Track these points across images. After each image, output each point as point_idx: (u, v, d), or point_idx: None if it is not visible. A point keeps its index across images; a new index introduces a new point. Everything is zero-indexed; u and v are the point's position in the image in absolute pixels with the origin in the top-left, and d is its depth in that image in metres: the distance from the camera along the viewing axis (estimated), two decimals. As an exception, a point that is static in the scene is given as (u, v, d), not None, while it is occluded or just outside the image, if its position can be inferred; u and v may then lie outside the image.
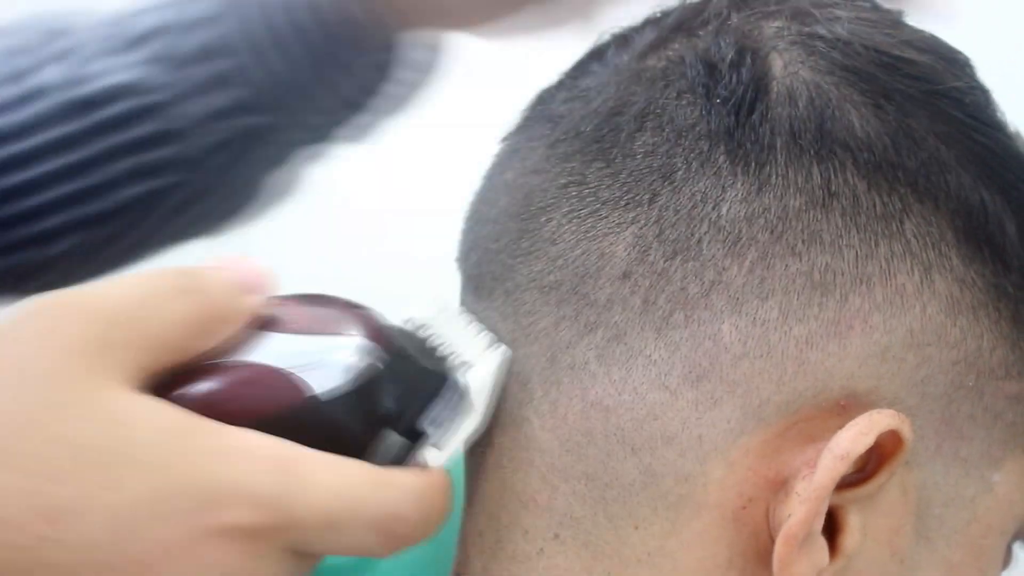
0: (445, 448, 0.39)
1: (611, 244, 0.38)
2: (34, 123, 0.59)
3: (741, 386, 0.37)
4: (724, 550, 0.38)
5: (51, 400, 0.34)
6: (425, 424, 0.39)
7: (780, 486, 0.37)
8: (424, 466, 0.38)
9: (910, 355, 0.37)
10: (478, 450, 0.42)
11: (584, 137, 0.40)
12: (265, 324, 0.38)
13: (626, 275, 0.38)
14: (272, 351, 0.38)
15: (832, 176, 0.37)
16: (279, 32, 0.58)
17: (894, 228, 0.37)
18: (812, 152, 0.37)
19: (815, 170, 0.37)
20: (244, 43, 0.58)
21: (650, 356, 0.37)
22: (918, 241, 0.37)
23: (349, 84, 0.61)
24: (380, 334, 0.39)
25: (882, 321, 0.37)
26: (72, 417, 0.34)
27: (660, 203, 0.38)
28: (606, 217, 0.39)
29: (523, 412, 0.40)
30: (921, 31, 0.41)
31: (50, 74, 0.60)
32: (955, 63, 0.40)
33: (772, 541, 0.37)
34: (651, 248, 0.38)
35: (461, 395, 0.39)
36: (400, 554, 0.39)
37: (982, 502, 0.39)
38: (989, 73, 0.41)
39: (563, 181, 0.40)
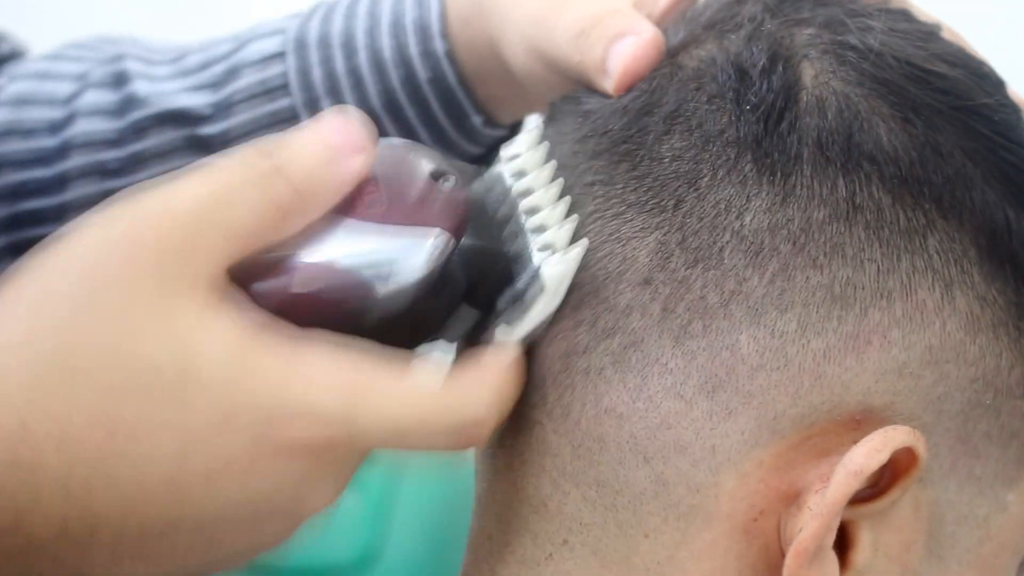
0: (517, 326, 0.38)
1: (634, 249, 0.38)
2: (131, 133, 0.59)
3: (757, 398, 0.37)
4: (734, 562, 0.37)
5: (117, 315, 0.34)
6: (500, 303, 0.39)
7: (792, 499, 0.37)
8: (494, 344, 0.38)
9: (928, 372, 0.37)
10: (489, 451, 0.42)
11: (612, 136, 0.40)
12: (345, 207, 0.37)
13: (647, 281, 0.38)
14: (348, 244, 0.37)
15: (857, 189, 0.37)
16: (361, 85, 0.57)
17: (917, 243, 0.37)
18: (838, 164, 0.37)
19: (840, 182, 0.37)
20: (305, 87, 0.57)
21: (666, 364, 0.37)
22: (941, 257, 0.37)
23: None
24: (460, 221, 0.38)
25: (901, 337, 0.37)
26: (137, 332, 0.34)
27: (684, 209, 0.38)
28: (631, 220, 0.38)
29: (535, 415, 0.40)
30: (953, 45, 0.41)
31: (141, 87, 0.60)
32: (986, 79, 0.40)
33: (782, 554, 0.37)
34: (673, 255, 0.37)
35: (537, 280, 0.38)
36: (401, 555, 0.39)
37: (995, 521, 0.39)
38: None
39: (589, 179, 0.40)
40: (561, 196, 0.40)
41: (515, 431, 0.40)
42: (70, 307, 0.34)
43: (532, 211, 0.40)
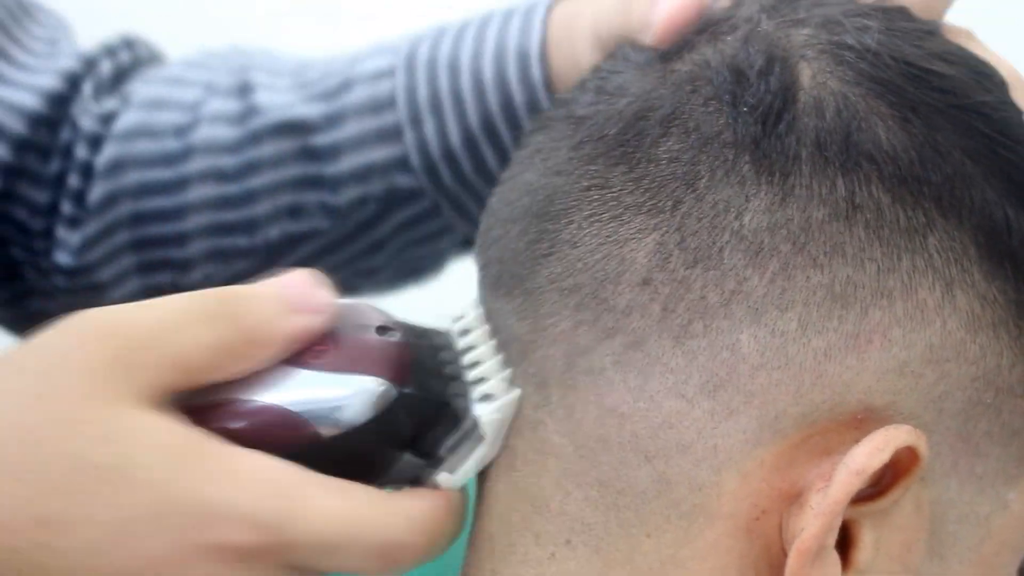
0: (458, 472, 0.40)
1: (632, 250, 0.38)
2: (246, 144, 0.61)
3: (758, 397, 0.37)
4: (736, 561, 0.37)
5: (60, 415, 0.36)
6: (441, 451, 0.40)
7: (794, 498, 0.37)
8: (435, 487, 0.39)
9: (928, 371, 0.37)
10: None
11: (608, 140, 0.40)
12: (295, 356, 0.39)
13: (646, 282, 0.38)
14: (294, 389, 0.39)
15: (856, 188, 0.37)
16: (462, 104, 0.58)
17: (917, 242, 0.37)
18: (837, 164, 0.37)
19: (840, 182, 0.37)
20: (410, 105, 0.59)
21: (668, 364, 0.37)
22: (941, 256, 0.37)
23: None
24: (403, 371, 0.39)
25: (902, 336, 0.37)
26: (77, 432, 0.35)
27: (683, 210, 0.38)
28: (628, 222, 0.38)
29: (538, 415, 0.40)
30: (952, 44, 0.41)
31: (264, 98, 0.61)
32: (985, 77, 0.40)
33: (784, 553, 0.37)
34: (672, 255, 0.37)
35: (475, 428, 0.40)
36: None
37: (996, 520, 0.39)
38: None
39: (585, 184, 0.40)
40: (556, 201, 0.40)
41: (517, 431, 0.41)
42: (15, 403, 0.36)
43: (474, 365, 0.41)
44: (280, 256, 0.62)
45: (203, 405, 0.38)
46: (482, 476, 0.43)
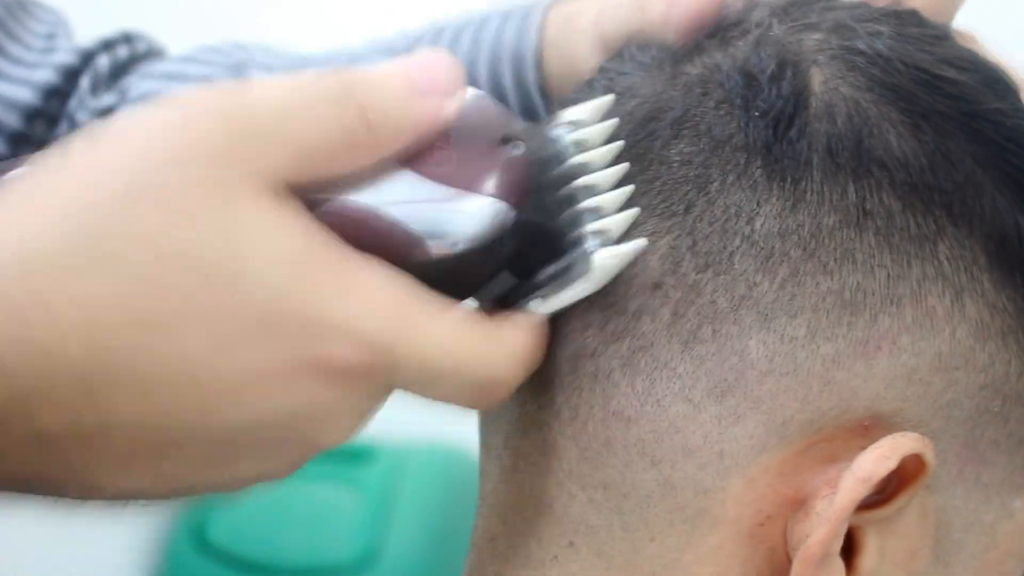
0: (551, 300, 0.38)
1: (644, 253, 0.38)
2: None
3: (765, 403, 0.37)
4: (739, 566, 0.37)
5: (175, 204, 0.32)
6: (540, 276, 0.38)
7: (799, 505, 0.37)
8: (526, 314, 0.38)
9: (937, 378, 0.37)
10: (494, 452, 0.42)
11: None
12: (413, 157, 0.36)
13: (657, 285, 0.38)
14: (406, 198, 0.36)
15: (867, 195, 0.37)
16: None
17: (927, 250, 0.37)
18: (848, 170, 0.37)
19: (851, 188, 0.37)
20: None
21: (675, 369, 0.37)
22: (951, 264, 0.37)
23: None
24: (520, 193, 0.37)
25: (911, 343, 0.37)
26: (192, 225, 0.32)
27: (695, 214, 0.38)
28: (641, 224, 0.38)
29: (543, 416, 0.40)
30: (964, 49, 0.40)
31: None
32: (997, 84, 0.40)
33: (788, 560, 0.37)
34: (684, 259, 0.37)
35: (584, 264, 0.38)
36: (401, 555, 0.39)
37: (1002, 528, 0.39)
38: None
39: None
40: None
41: (522, 432, 0.40)
42: (118, 185, 0.32)
43: (590, 189, 0.39)
44: None
45: (319, 200, 0.35)
46: (485, 477, 0.43)
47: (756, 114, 0.38)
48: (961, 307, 0.37)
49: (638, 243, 0.38)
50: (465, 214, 0.36)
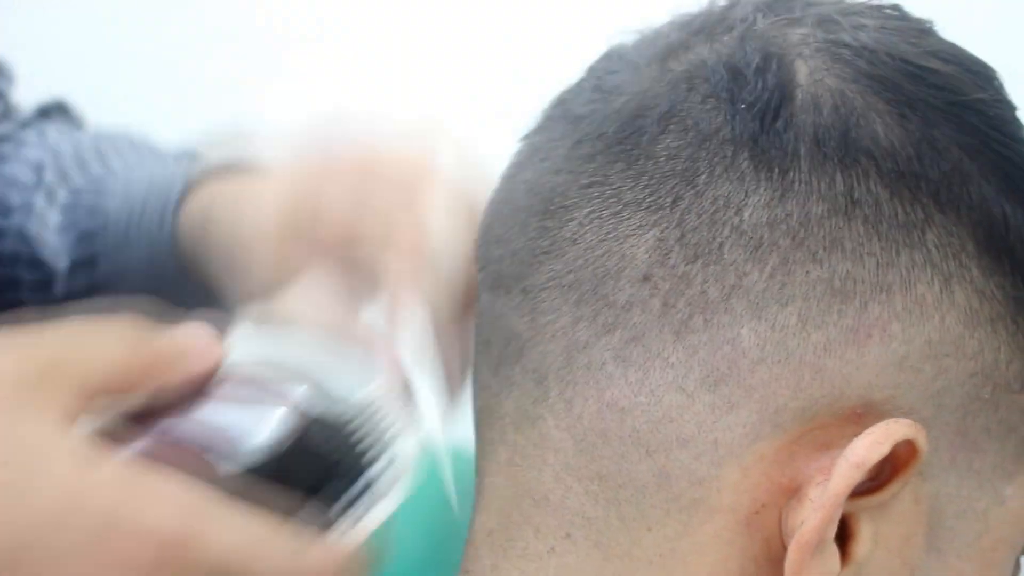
0: (357, 529, 0.40)
1: (632, 246, 0.38)
2: None
3: (758, 391, 0.37)
4: (736, 554, 0.38)
5: None
6: (341, 501, 0.40)
7: (794, 492, 0.37)
8: (337, 541, 0.39)
9: (927, 365, 0.37)
10: (490, 447, 0.42)
11: (607, 138, 0.40)
12: (202, 391, 0.40)
13: (646, 277, 0.38)
14: (198, 420, 0.39)
15: (855, 184, 0.37)
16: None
17: (916, 237, 0.37)
18: (836, 159, 0.37)
19: (838, 177, 0.37)
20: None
21: (668, 359, 0.37)
22: (939, 251, 0.37)
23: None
24: (303, 415, 0.40)
25: (901, 330, 0.37)
26: None
27: (683, 206, 0.38)
28: (628, 219, 0.39)
29: (538, 410, 0.40)
30: (947, 41, 0.41)
31: None
32: (980, 75, 0.40)
33: (784, 547, 0.37)
34: (672, 251, 0.38)
35: (378, 480, 0.40)
36: (401, 552, 0.39)
37: (994, 515, 0.39)
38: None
39: (585, 181, 0.40)
40: (556, 198, 0.41)
41: (517, 426, 0.41)
42: None
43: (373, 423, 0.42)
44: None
45: (118, 431, 0.38)
46: (481, 472, 0.43)
47: (742, 107, 0.38)
48: (950, 294, 0.37)
49: (410, 449, 0.41)
50: (254, 418, 0.39)
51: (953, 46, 0.41)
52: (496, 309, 0.42)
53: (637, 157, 0.39)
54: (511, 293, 0.41)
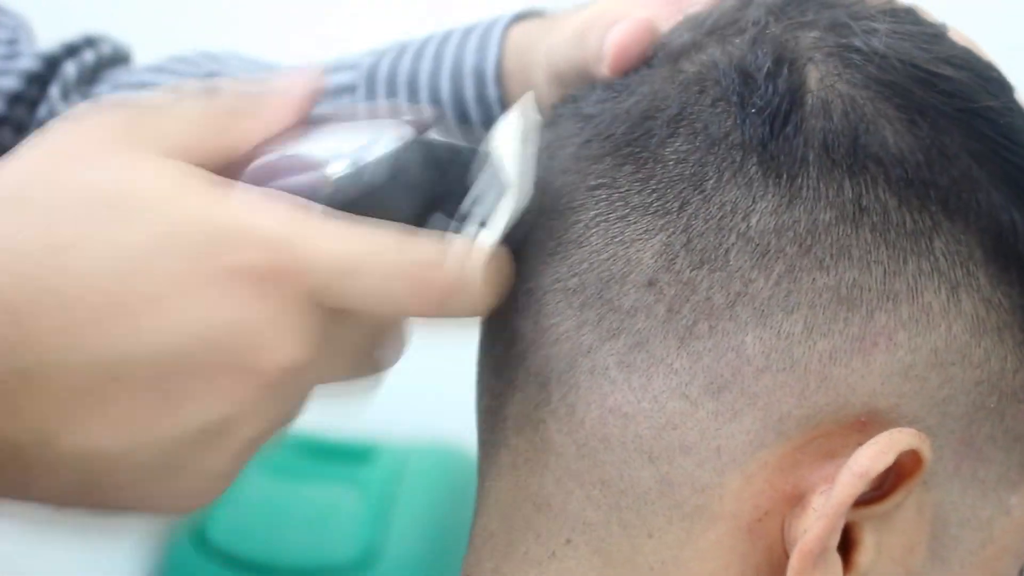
0: (491, 225, 0.38)
1: (638, 251, 0.38)
2: None
3: (762, 399, 0.37)
4: (738, 562, 0.37)
5: (74, 157, 0.36)
6: (470, 206, 0.38)
7: (797, 500, 0.37)
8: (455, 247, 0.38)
9: (933, 374, 0.37)
10: (492, 450, 0.42)
11: (615, 140, 0.40)
12: (310, 122, 0.39)
13: (651, 283, 0.38)
14: (310, 142, 0.38)
15: (864, 191, 0.37)
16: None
17: (923, 245, 0.37)
18: (844, 166, 0.37)
19: (847, 184, 0.37)
20: None
21: (672, 365, 0.37)
22: (947, 259, 0.37)
23: None
24: (425, 121, 0.39)
25: (907, 339, 0.37)
26: (88, 168, 0.36)
27: (689, 211, 0.38)
28: (635, 223, 0.38)
29: (540, 414, 0.40)
30: (960, 47, 0.41)
31: None
32: (992, 82, 0.40)
33: (786, 555, 0.37)
34: (678, 256, 0.37)
35: (498, 174, 0.39)
36: (401, 555, 0.39)
37: (998, 524, 0.39)
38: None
39: (593, 183, 0.40)
40: (563, 199, 0.40)
41: (519, 429, 0.41)
42: (34, 155, 0.37)
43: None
44: None
45: (243, 164, 0.38)
46: (484, 474, 0.43)
47: (752, 111, 0.38)
48: (957, 302, 0.37)
49: (518, 115, 0.39)
50: (370, 136, 0.37)
51: (966, 51, 0.41)
52: (499, 310, 0.42)
53: (646, 160, 0.39)
54: (516, 295, 0.41)
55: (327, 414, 0.42)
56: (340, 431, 1.38)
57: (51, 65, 0.65)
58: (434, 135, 0.38)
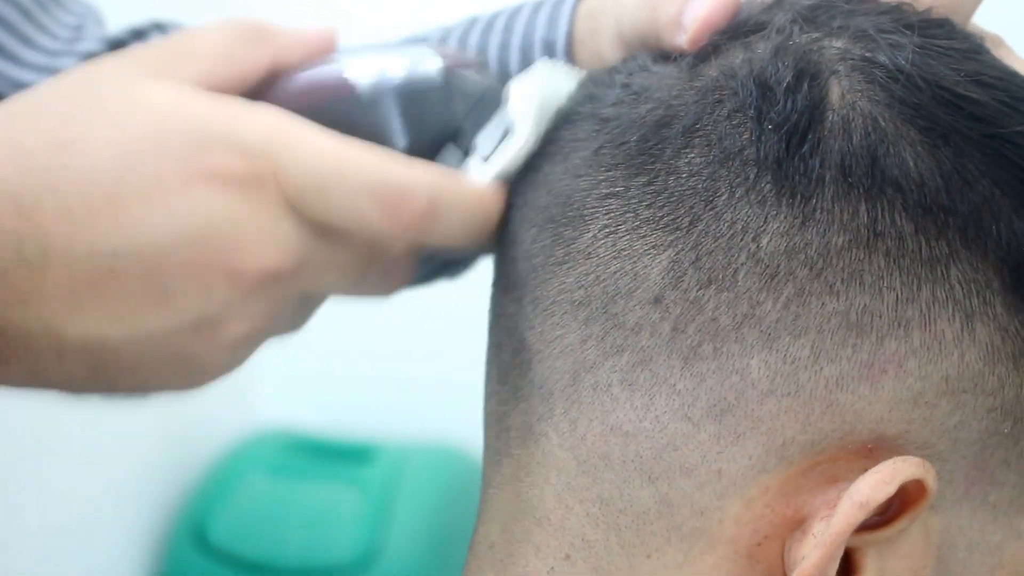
0: (490, 163, 0.39)
1: (646, 266, 0.37)
2: None
3: (766, 423, 0.36)
4: None
5: (83, 80, 0.40)
6: (479, 139, 0.40)
7: (798, 525, 0.36)
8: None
9: (943, 401, 0.36)
10: (496, 458, 0.42)
11: (629, 148, 0.39)
12: (342, 51, 0.41)
13: (658, 300, 0.37)
14: (341, 62, 0.40)
15: (879, 215, 0.36)
16: None
17: (939, 273, 0.36)
18: (861, 189, 0.36)
19: (862, 208, 0.36)
20: None
21: (675, 385, 0.37)
22: (962, 288, 0.36)
23: None
24: (453, 56, 0.40)
25: (917, 367, 0.36)
26: (95, 83, 0.39)
27: (700, 228, 0.37)
28: (644, 237, 0.38)
29: (543, 427, 0.39)
30: (994, 66, 0.39)
31: None
32: (1022, 103, 0.38)
33: None
34: (686, 274, 0.37)
35: (510, 117, 0.40)
36: (401, 555, 0.39)
37: (1008, 549, 0.39)
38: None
39: (604, 191, 0.39)
40: (574, 206, 0.40)
41: (522, 440, 0.40)
42: (67, 78, 0.41)
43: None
44: None
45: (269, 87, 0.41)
46: (487, 484, 0.42)
47: (769, 127, 0.37)
48: (971, 331, 0.36)
49: (544, 70, 0.41)
50: (399, 57, 0.39)
51: (1000, 68, 0.39)
52: (507, 313, 0.42)
53: (659, 172, 0.38)
54: (522, 302, 0.41)
55: (327, 414, 0.44)
56: (340, 431, 1.39)
57: (115, 48, 0.65)
58: (465, 71, 0.39)
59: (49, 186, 0.37)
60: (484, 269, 0.45)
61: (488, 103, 0.40)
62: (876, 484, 0.35)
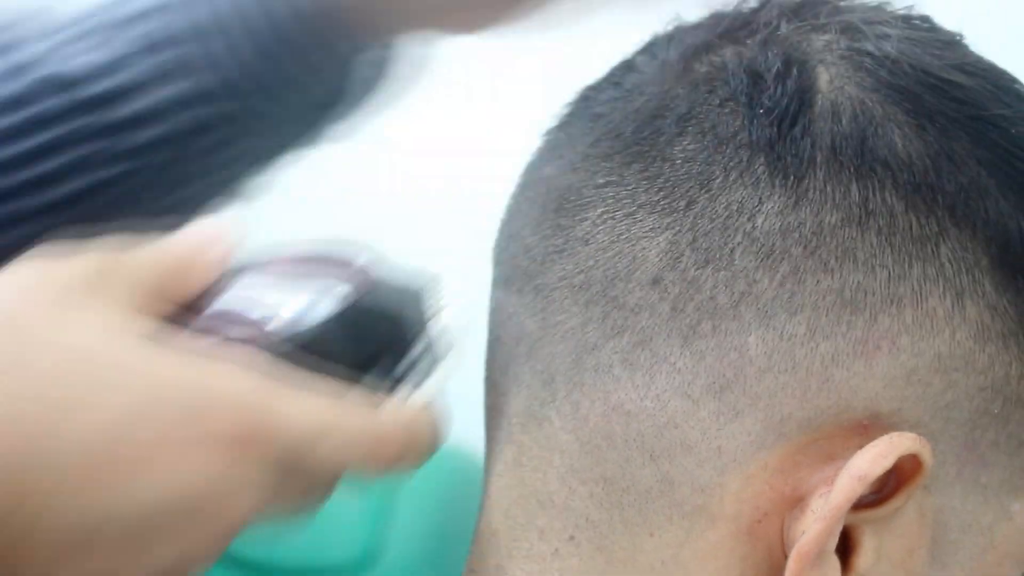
0: (422, 390, 0.40)
1: (644, 248, 0.38)
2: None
3: (764, 400, 0.37)
4: (737, 563, 0.37)
5: (55, 317, 0.36)
6: (402, 368, 0.40)
7: (796, 502, 0.37)
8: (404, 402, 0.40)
9: (936, 379, 0.37)
10: (497, 446, 0.42)
11: (624, 138, 0.40)
12: (247, 270, 0.40)
13: (656, 281, 0.38)
14: (246, 293, 0.40)
15: (870, 194, 0.37)
16: (248, 20, 0.57)
17: (929, 251, 0.37)
18: (852, 169, 0.37)
19: (854, 187, 0.37)
20: (194, 32, 0.57)
21: (675, 364, 0.37)
22: (952, 266, 0.37)
23: (318, 84, 0.58)
24: (361, 279, 0.40)
25: (910, 343, 0.37)
26: (72, 328, 0.36)
27: (696, 210, 0.38)
28: (641, 221, 0.39)
29: (545, 411, 0.40)
30: (974, 55, 0.41)
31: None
32: (1005, 90, 0.40)
33: (785, 557, 0.37)
34: (683, 255, 0.38)
35: (436, 341, 0.41)
36: (401, 555, 0.40)
37: (1000, 530, 0.39)
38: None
39: (601, 181, 0.40)
40: (571, 197, 0.41)
41: (524, 426, 0.41)
42: (8, 313, 0.36)
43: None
44: (80, 208, 0.59)
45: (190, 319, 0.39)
46: (488, 471, 0.43)
47: (760, 111, 0.38)
48: (962, 309, 0.37)
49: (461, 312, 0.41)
50: (309, 296, 0.39)
51: (980, 60, 0.40)
52: (508, 306, 0.42)
53: (653, 159, 0.39)
54: (523, 292, 0.41)
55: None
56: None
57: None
58: (373, 296, 0.40)
59: (38, 452, 0.34)
60: (483, 270, 0.46)
61: (403, 325, 0.41)
62: (874, 458, 0.36)
